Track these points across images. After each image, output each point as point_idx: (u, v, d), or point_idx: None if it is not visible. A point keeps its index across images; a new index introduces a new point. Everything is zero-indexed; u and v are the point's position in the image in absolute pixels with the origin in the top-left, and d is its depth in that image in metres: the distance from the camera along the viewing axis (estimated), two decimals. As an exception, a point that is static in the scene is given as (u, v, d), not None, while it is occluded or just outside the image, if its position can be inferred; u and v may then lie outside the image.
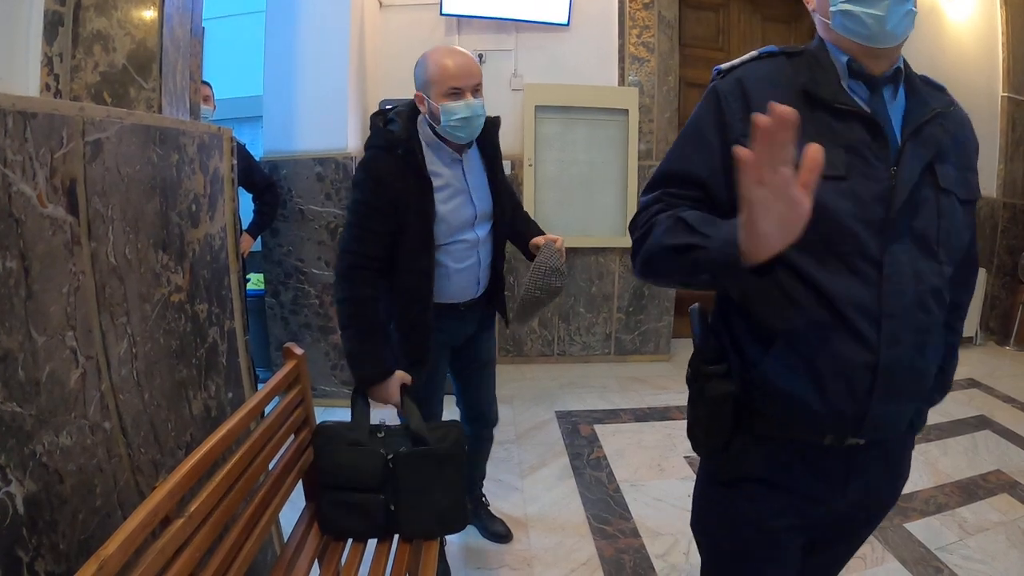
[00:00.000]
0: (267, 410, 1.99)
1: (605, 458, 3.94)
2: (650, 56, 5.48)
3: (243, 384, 2.23)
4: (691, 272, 1.27)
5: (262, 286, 4.75)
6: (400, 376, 2.32)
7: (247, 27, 5.41)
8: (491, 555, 2.99)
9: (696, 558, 2.89)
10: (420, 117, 2.38)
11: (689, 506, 3.34)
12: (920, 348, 1.30)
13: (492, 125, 2.49)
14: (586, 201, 5.39)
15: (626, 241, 5.42)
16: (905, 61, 1.36)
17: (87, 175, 1.45)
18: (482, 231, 2.50)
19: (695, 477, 3.49)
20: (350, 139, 4.53)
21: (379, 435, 2.20)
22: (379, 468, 2.12)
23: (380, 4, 5.20)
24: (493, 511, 3.22)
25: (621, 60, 5.47)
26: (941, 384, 1.48)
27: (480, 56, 5.19)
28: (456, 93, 2.25)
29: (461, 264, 2.46)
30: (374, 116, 2.40)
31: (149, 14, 1.80)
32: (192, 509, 1.46)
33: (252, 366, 2.36)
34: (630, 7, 5.41)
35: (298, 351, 2.16)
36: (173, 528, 1.39)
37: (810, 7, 1.39)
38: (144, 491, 1.61)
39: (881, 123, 1.28)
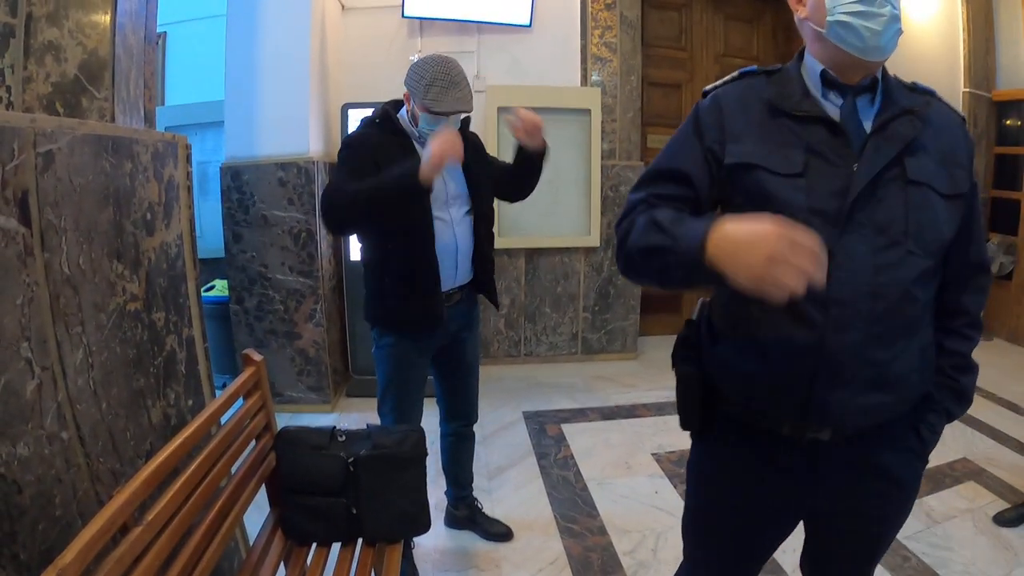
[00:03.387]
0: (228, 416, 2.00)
1: (572, 457, 3.97)
2: (612, 56, 5.51)
3: (203, 392, 2.22)
4: (663, 272, 1.37)
5: (226, 292, 4.72)
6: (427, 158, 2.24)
7: (208, 32, 5.40)
8: (459, 556, 3.00)
9: (664, 554, 2.94)
10: (402, 110, 2.53)
11: (657, 503, 3.39)
12: (878, 339, 1.35)
13: (464, 124, 2.58)
14: (550, 201, 5.40)
15: (591, 240, 5.47)
16: (884, 70, 1.43)
17: (39, 186, 1.45)
18: (456, 212, 2.56)
19: (662, 475, 3.57)
20: (312, 143, 4.51)
21: (340, 439, 2.21)
22: (340, 471, 2.14)
23: (342, 7, 5.19)
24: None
25: (583, 60, 5.50)
26: (952, 392, 1.53)
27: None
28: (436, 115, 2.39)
29: (440, 241, 2.50)
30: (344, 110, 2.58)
31: (101, 23, 1.79)
32: (151, 516, 1.46)
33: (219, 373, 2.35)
34: (592, 7, 5.43)
35: (257, 357, 2.17)
36: (132, 536, 1.39)
37: (800, 15, 1.46)
38: (104, 500, 1.60)
39: (843, 124, 1.37)
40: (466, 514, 3.16)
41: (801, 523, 1.68)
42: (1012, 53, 5.98)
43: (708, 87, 1.57)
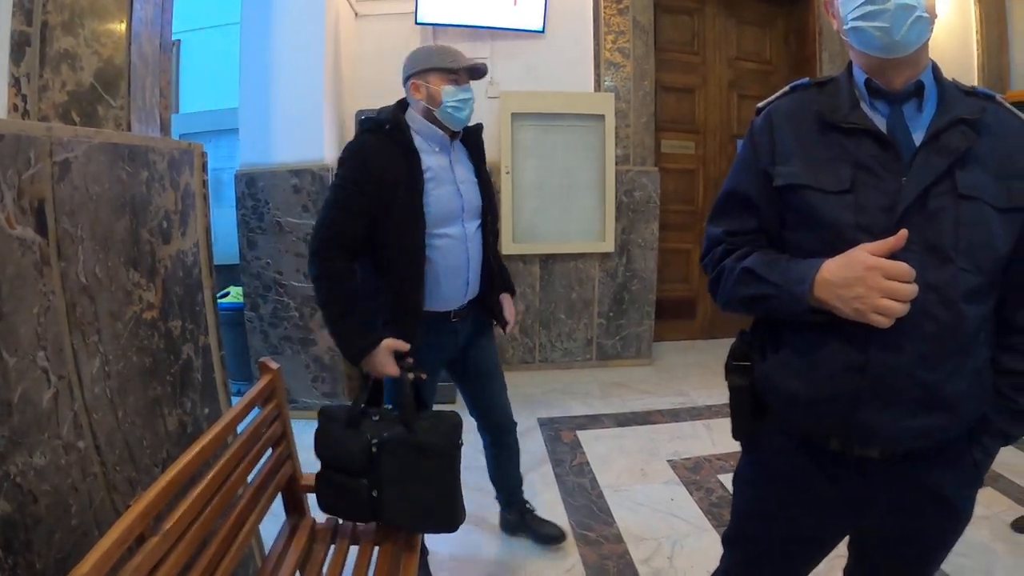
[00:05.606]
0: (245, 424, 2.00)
1: (588, 464, 3.95)
2: (625, 61, 5.50)
3: (219, 400, 2.22)
4: (765, 313, 1.52)
5: (241, 299, 4.73)
6: (390, 344, 2.29)
7: (222, 40, 5.42)
8: (475, 564, 3.00)
9: (679, 562, 2.93)
10: (409, 109, 2.48)
11: (673, 510, 3.37)
12: (927, 359, 1.32)
13: (476, 130, 2.59)
14: (565, 207, 5.40)
15: (605, 246, 5.48)
16: (936, 73, 1.42)
17: (55, 195, 1.45)
18: (470, 226, 2.52)
19: (678, 481, 3.55)
20: (326, 150, 4.53)
21: (374, 418, 2.18)
22: (362, 453, 2.10)
23: (355, 14, 5.21)
24: (475, 517, 3.19)
25: (597, 66, 5.50)
26: (1009, 412, 1.46)
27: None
28: (456, 79, 2.42)
29: (450, 261, 2.46)
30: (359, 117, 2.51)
31: (116, 31, 1.80)
32: (168, 526, 1.46)
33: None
34: (605, 13, 5.43)
35: (273, 365, 2.16)
36: (149, 546, 1.38)
37: (835, 28, 1.44)
38: (120, 509, 1.60)
39: (892, 137, 1.35)
40: (516, 518, 3.14)
41: (845, 540, 1.68)
42: (1026, 53, 5.94)
43: (761, 104, 1.58)
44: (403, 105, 2.50)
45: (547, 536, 3.10)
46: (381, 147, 2.35)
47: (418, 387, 2.26)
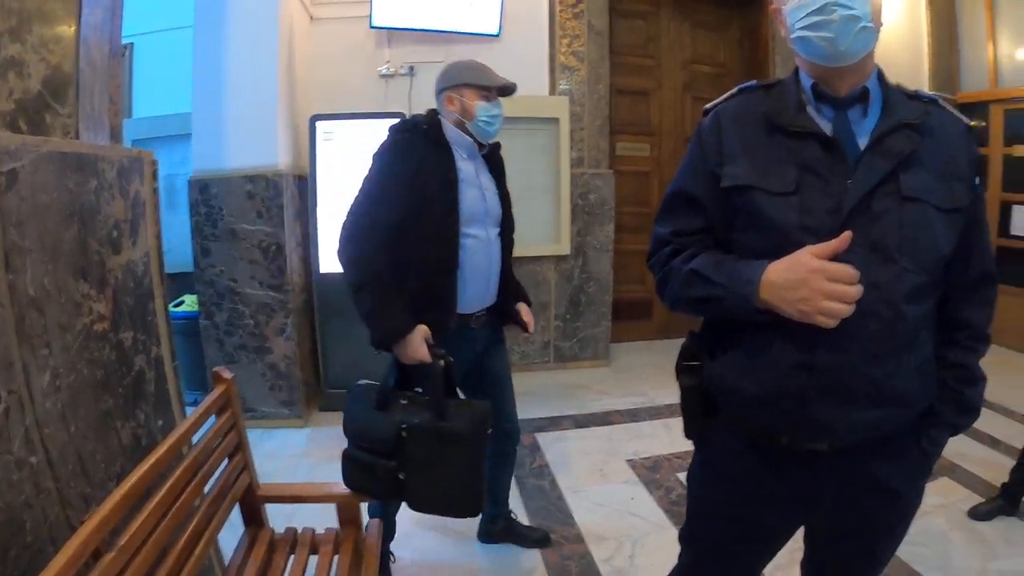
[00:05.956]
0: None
1: (547, 466, 3.97)
2: (580, 65, 5.54)
3: (173, 411, 2.19)
4: (713, 314, 1.56)
5: (196, 307, 4.67)
6: (424, 330, 2.33)
7: (176, 43, 5.34)
8: (437, 569, 2.99)
9: (641, 560, 2.94)
10: (440, 118, 2.59)
11: (633, 510, 3.39)
12: (872, 357, 1.35)
13: (496, 147, 2.77)
14: (520, 210, 5.30)
15: (561, 248, 5.51)
16: (881, 79, 1.45)
17: (2, 206, 1.41)
18: (492, 232, 2.61)
19: (638, 481, 3.57)
20: (280, 156, 4.49)
21: (403, 402, 2.19)
22: (390, 436, 2.12)
23: (311, 18, 5.17)
24: (436, 522, 3.18)
25: (552, 69, 5.53)
26: (956, 404, 1.50)
27: (411, 68, 5.20)
28: (488, 96, 2.56)
29: (474, 262, 2.52)
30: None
31: (64, 37, 1.76)
32: (124, 541, 1.43)
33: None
34: (560, 16, 5.46)
35: (227, 375, 2.13)
36: (105, 561, 1.36)
37: (783, 35, 1.46)
38: (75, 525, 1.56)
39: (837, 140, 1.38)
40: (503, 527, 3.12)
41: (801, 532, 1.70)
42: (975, 55, 6.07)
43: (708, 105, 1.59)
44: (434, 113, 2.60)
45: (537, 540, 3.12)
46: (416, 143, 2.46)
47: (448, 373, 2.24)
